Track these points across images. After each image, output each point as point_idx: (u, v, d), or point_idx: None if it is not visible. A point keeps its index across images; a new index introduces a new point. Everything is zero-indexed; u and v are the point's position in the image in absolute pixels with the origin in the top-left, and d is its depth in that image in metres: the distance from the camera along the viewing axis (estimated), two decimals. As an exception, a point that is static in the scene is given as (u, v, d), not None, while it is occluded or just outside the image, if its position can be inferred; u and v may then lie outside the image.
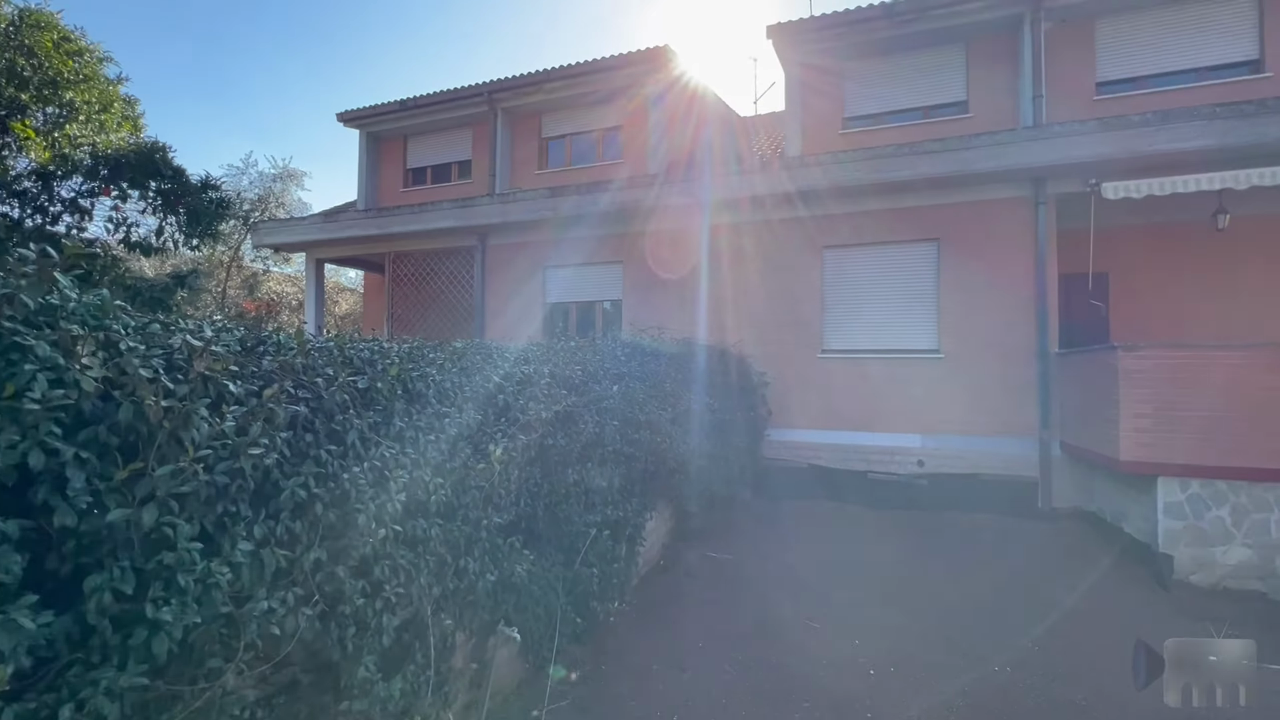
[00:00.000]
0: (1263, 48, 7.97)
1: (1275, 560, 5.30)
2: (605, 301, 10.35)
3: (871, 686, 3.73)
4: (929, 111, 9.51)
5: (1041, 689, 3.77)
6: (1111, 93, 8.55)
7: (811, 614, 4.82)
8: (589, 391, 3.94)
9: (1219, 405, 5.46)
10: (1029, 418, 7.59)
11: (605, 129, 11.59)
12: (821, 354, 8.67)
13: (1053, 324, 7.57)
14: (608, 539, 3.94)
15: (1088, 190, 7.35)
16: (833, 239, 8.68)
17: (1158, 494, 5.65)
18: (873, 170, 7.95)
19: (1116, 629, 4.75)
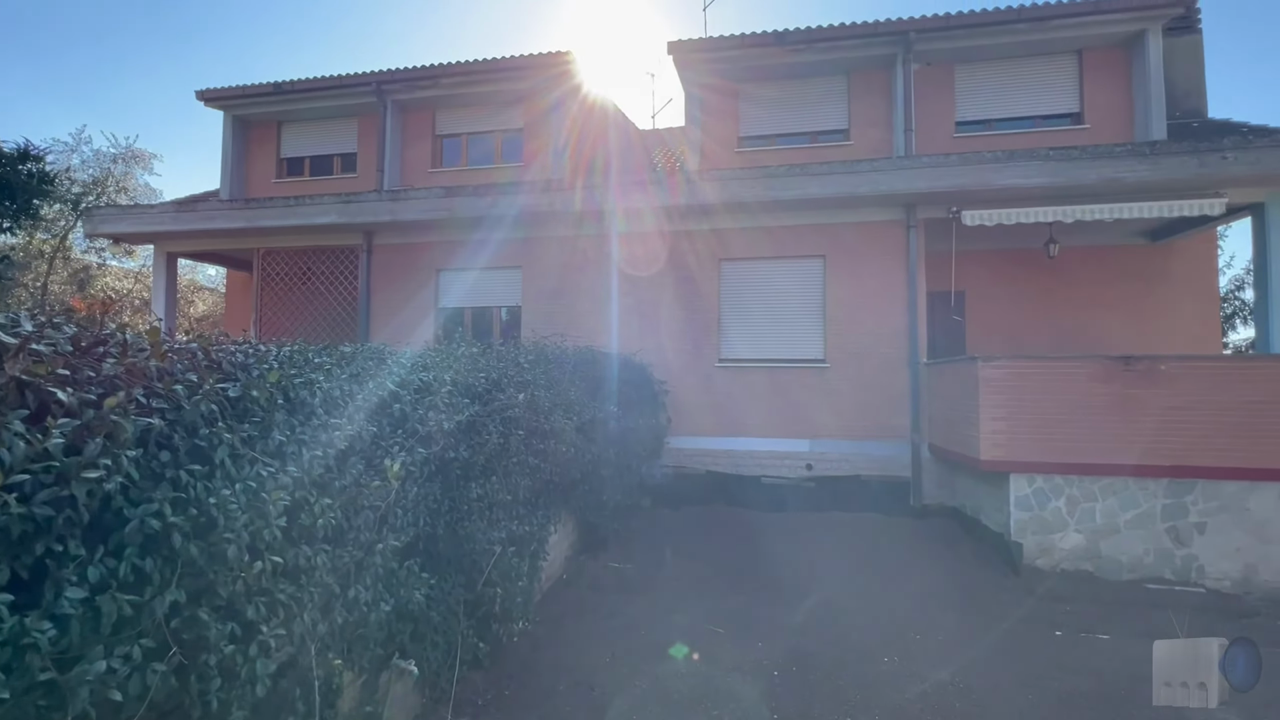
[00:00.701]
0: (1082, 103, 9.32)
1: (1100, 544, 6.11)
2: (504, 307, 10.02)
3: (775, 687, 3.82)
4: (815, 137, 10.17)
5: (924, 674, 4.05)
6: (968, 131, 9.61)
7: (715, 620, 4.88)
8: (494, 400, 3.73)
9: (1057, 409, 6.23)
10: (902, 422, 8.27)
11: (505, 131, 11.28)
12: (719, 363, 8.93)
13: (922, 336, 8.32)
14: (512, 556, 3.74)
15: (950, 217, 8.19)
16: (729, 252, 9.00)
17: (1010, 489, 6.34)
18: (766, 189, 8.34)
19: (982, 612, 5.24)
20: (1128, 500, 6.08)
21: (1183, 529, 5.96)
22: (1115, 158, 7.42)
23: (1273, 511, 5.79)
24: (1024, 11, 8.84)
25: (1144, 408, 6.02)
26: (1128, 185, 7.47)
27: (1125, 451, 6.04)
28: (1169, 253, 9.47)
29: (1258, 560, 5.80)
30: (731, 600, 5.35)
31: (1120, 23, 8.83)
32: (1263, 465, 5.76)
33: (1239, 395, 5.89)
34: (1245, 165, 7.12)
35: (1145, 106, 8.87)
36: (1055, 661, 4.31)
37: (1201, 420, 5.90)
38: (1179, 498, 5.97)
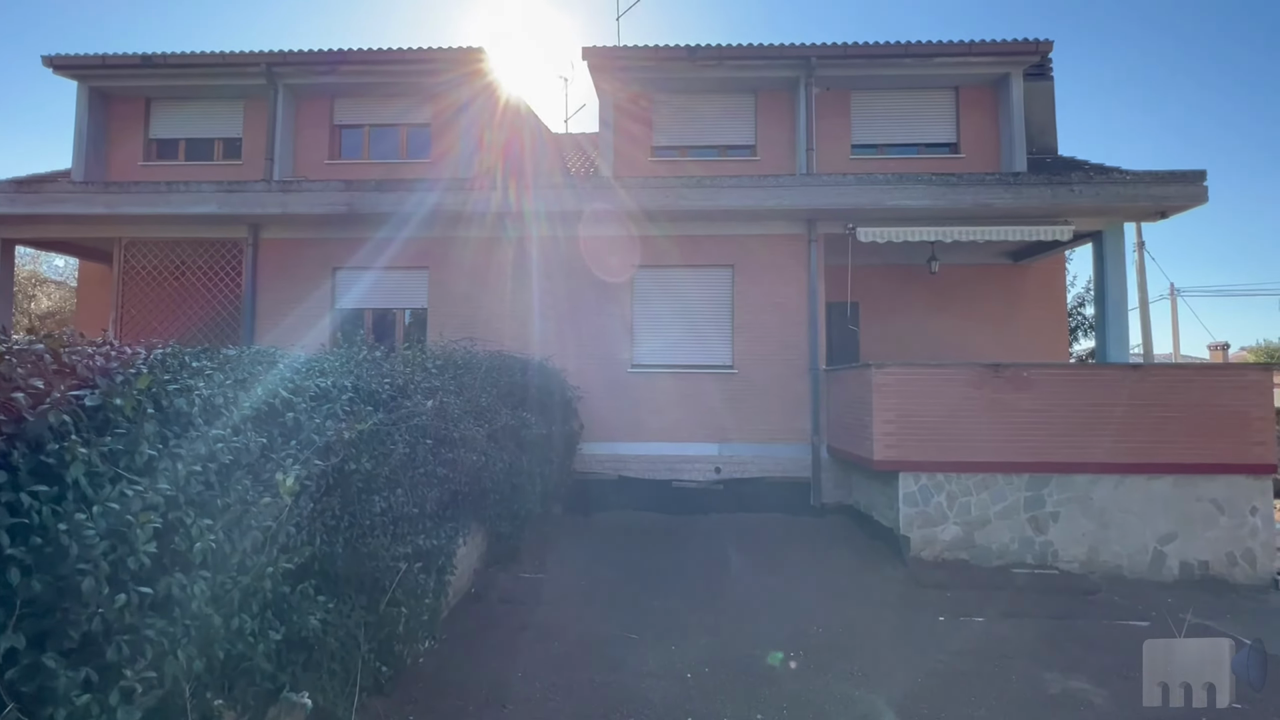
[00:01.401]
0: (959, 135, 10.30)
1: (974, 534, 6.73)
2: (409, 310, 9.55)
3: (690, 690, 3.87)
4: (725, 151, 10.53)
5: (827, 665, 4.26)
6: (862, 154, 10.32)
7: (629, 625, 4.89)
8: (399, 408, 3.52)
9: (939, 412, 6.81)
10: (804, 426, 8.71)
11: (412, 125, 10.78)
12: (631, 369, 8.99)
13: (822, 344, 8.82)
14: (419, 572, 3.54)
15: (846, 233, 8.75)
16: (643, 259, 9.10)
17: (899, 487, 6.84)
18: (679, 198, 8.53)
19: (876, 603, 5.60)
20: (997, 494, 6.74)
21: (1041, 518, 6.69)
22: (986, 185, 8.25)
23: (1110, 500, 6.64)
24: (911, 48, 9.65)
25: (1010, 410, 6.71)
26: (996, 211, 8.33)
27: (995, 450, 6.71)
28: (1027, 272, 10.65)
29: (1099, 544, 6.62)
30: (645, 605, 5.38)
31: (989, 65, 9.85)
32: (1102, 460, 6.59)
33: (1084, 399, 6.71)
34: (1088, 198, 8.16)
35: (1010, 141, 9.94)
36: (938, 644, 4.69)
37: (1056, 421, 6.66)
38: (1038, 490, 6.70)
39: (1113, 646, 4.70)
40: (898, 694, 3.88)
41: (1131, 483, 6.62)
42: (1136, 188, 8.13)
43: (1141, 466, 6.57)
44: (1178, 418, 6.57)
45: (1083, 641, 4.79)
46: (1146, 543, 6.58)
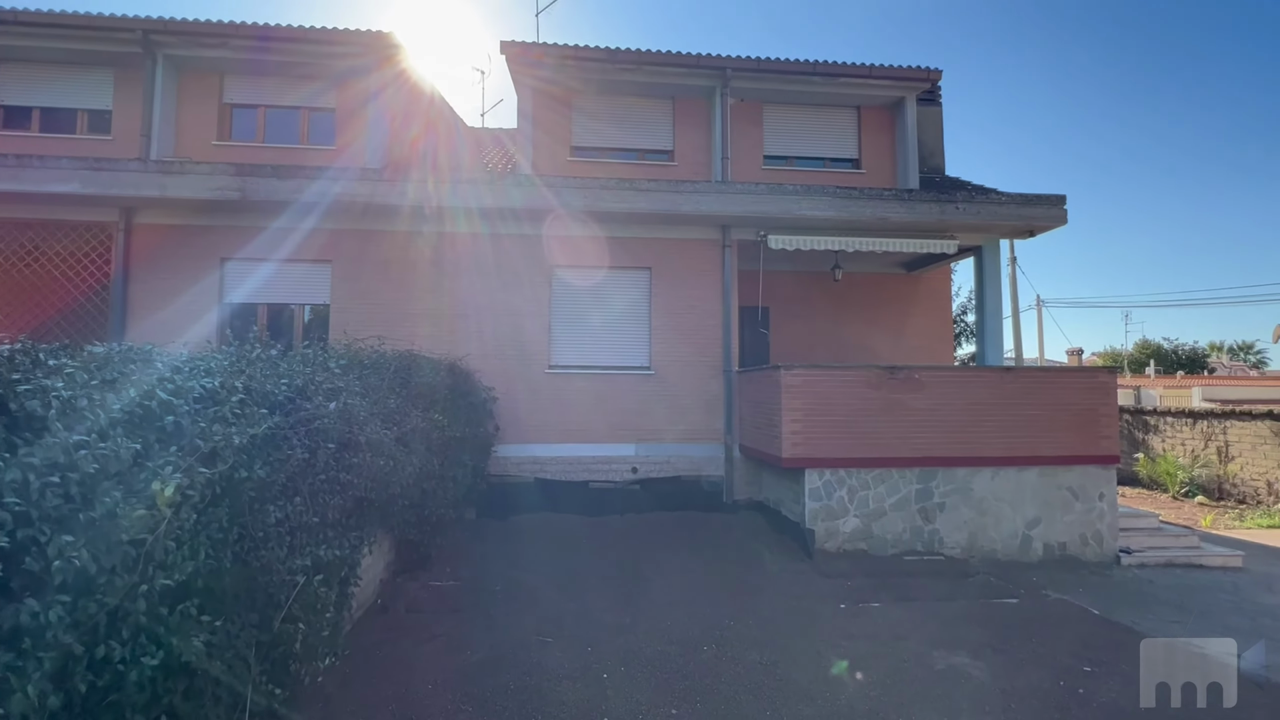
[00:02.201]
0: (860, 151, 10.99)
1: (872, 526, 7.20)
2: (309, 305, 8.94)
3: (606, 690, 3.88)
4: (643, 155, 10.66)
5: (739, 657, 4.42)
6: (774, 165, 10.78)
7: (544, 629, 4.83)
8: (298, 410, 3.29)
9: (841, 411, 7.23)
10: (717, 426, 8.98)
11: (315, 109, 10.10)
12: (549, 370, 8.90)
13: (735, 347, 9.12)
14: (319, 585, 3.32)
15: (758, 240, 9.11)
16: (560, 259, 9.03)
17: (805, 482, 7.20)
18: (597, 199, 8.53)
19: (785, 594, 5.86)
20: (892, 487, 7.25)
21: (929, 509, 7.26)
22: (884, 200, 8.86)
23: (987, 491, 7.32)
24: (818, 66, 10.19)
25: (904, 410, 7.24)
26: (892, 224, 8.96)
27: (891, 446, 7.21)
28: (919, 282, 11.53)
29: (978, 530, 7.28)
30: (560, 608, 5.34)
31: (887, 88, 10.59)
32: (980, 454, 7.26)
33: (966, 398, 7.36)
34: (970, 216, 8.95)
35: (905, 160, 10.73)
36: (841, 630, 4.98)
37: (942, 419, 7.26)
38: (927, 483, 7.27)
39: (989, 623, 5.19)
40: (804, 680, 4.09)
41: (1005, 474, 7.33)
42: (1009, 207, 9.02)
43: (1014, 459, 7.30)
44: (1042, 415, 7.34)
45: (964, 620, 5.25)
46: (1017, 528, 7.30)
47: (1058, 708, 3.79)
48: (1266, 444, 11.35)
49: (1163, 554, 7.40)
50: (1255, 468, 11.52)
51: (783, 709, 3.71)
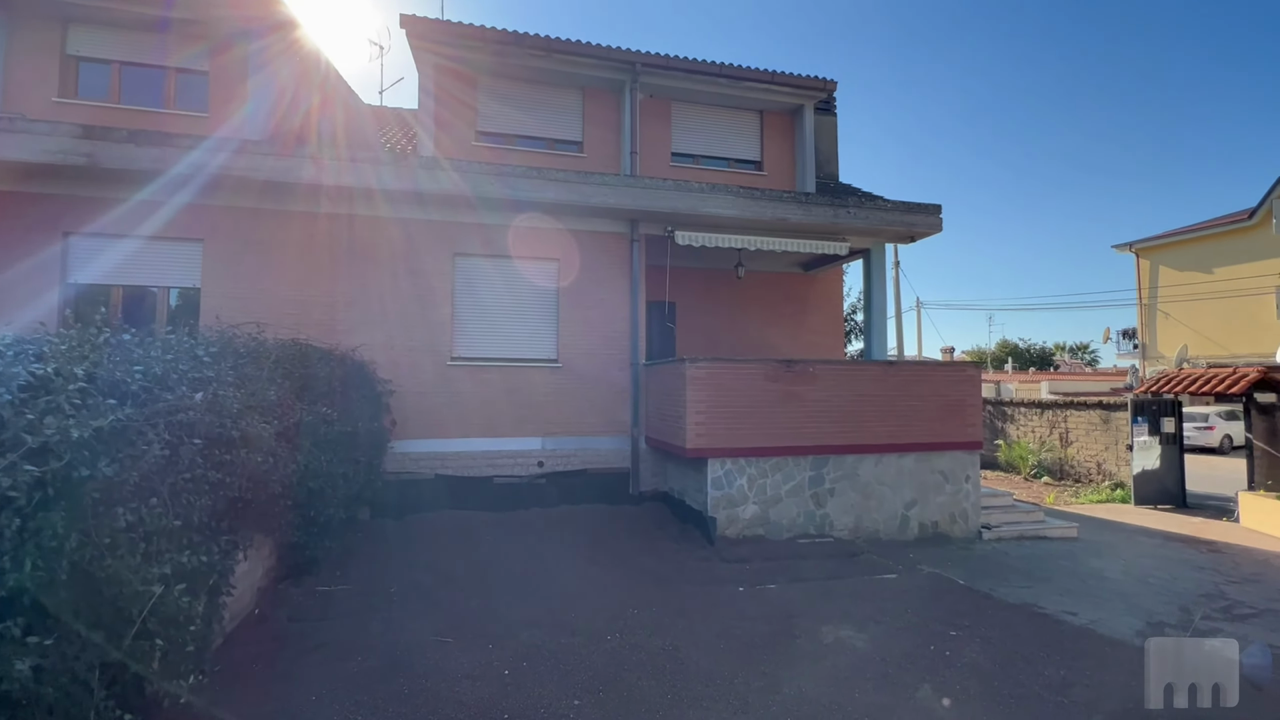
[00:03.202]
0: (762, 154, 11.44)
1: (769, 512, 7.56)
2: (175, 289, 8.04)
3: (507, 687, 3.80)
4: (552, 144, 10.49)
5: (642, 644, 4.48)
6: (681, 163, 10.98)
7: (444, 630, 4.66)
8: (156, 401, 2.93)
9: (742, 403, 7.51)
10: (625, 418, 9.04)
11: (184, 70, 9.06)
12: (451, 362, 8.57)
13: (642, 340, 9.22)
14: (181, 595, 2.99)
15: (665, 235, 9.26)
16: (465, 247, 8.72)
17: (708, 472, 7.42)
18: (505, 186, 8.30)
19: (688, 581, 6.02)
20: (788, 475, 7.64)
21: (821, 494, 7.72)
22: (784, 202, 9.28)
23: (871, 476, 7.89)
24: (724, 69, 10.49)
25: (799, 401, 7.64)
26: (791, 225, 9.41)
27: (787, 435, 7.58)
28: (814, 282, 12.20)
29: (863, 513, 7.83)
30: (461, 607, 5.17)
31: (788, 95, 11.09)
32: (866, 442, 7.81)
33: (854, 390, 7.88)
34: (860, 220, 9.58)
35: (803, 165, 11.29)
36: (739, 613, 5.18)
37: (833, 410, 7.73)
38: (819, 470, 7.73)
39: (871, 597, 5.60)
40: (705, 662, 4.21)
41: (888, 460, 7.94)
42: (894, 214, 9.74)
43: (895, 446, 7.91)
44: (919, 405, 8.02)
45: (850, 596, 5.64)
46: (897, 509, 7.94)
47: (927, 669, 4.16)
48: (1096, 430, 13.07)
49: (1015, 528, 8.32)
50: (1088, 451, 13.23)
51: (682, 691, 3.81)
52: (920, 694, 3.82)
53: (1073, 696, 3.81)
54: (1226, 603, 5.78)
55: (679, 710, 3.58)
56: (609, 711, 3.53)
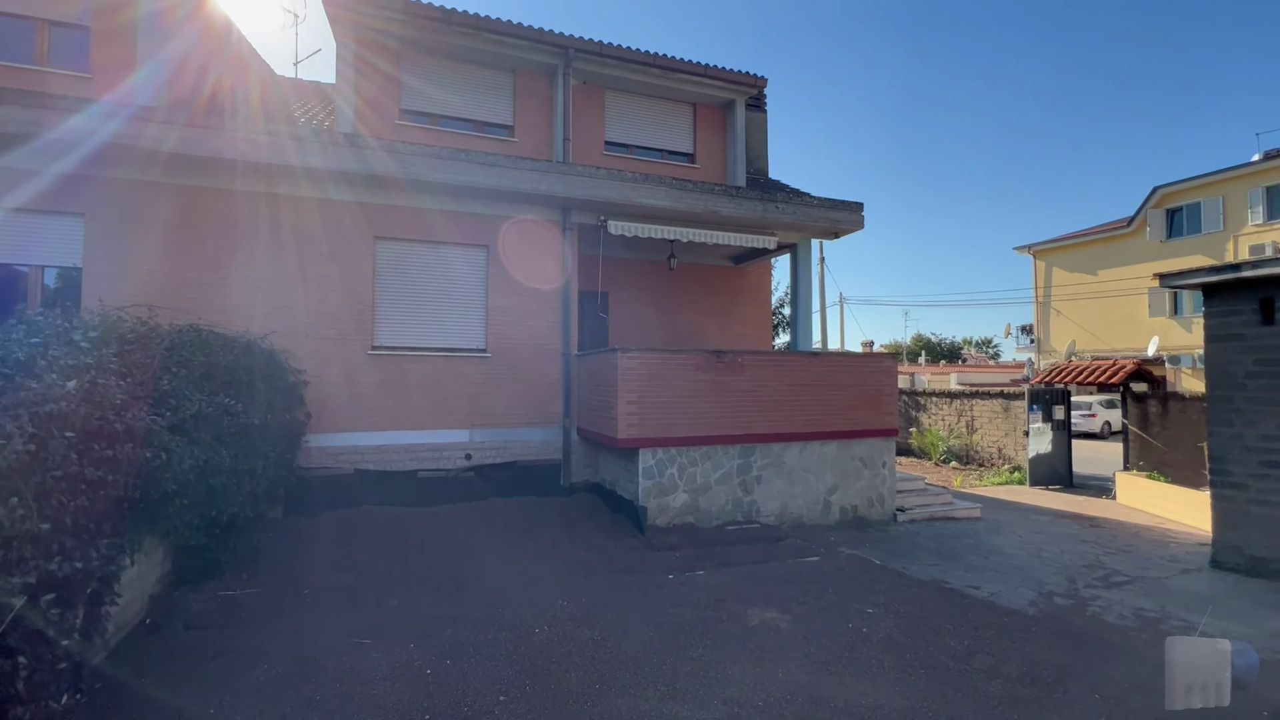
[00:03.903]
0: (695, 147, 11.54)
1: (699, 500, 7.67)
2: (50, 268, 7.22)
3: (429, 687, 3.66)
4: (482, 127, 10.15)
5: (571, 635, 4.43)
6: (614, 152, 10.90)
7: (362, 630, 4.44)
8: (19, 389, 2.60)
9: (673, 393, 7.57)
10: (556, 409, 8.93)
11: (59, 23, 8.11)
12: (373, 351, 8.17)
13: (574, 330, 9.12)
14: (50, 607, 2.68)
15: (599, 224, 9.17)
16: (388, 230, 8.31)
17: (639, 462, 7.45)
18: (431, 169, 7.96)
19: (618, 570, 6.02)
20: (717, 463, 7.78)
21: (749, 481, 7.91)
22: (715, 195, 9.39)
23: (797, 463, 8.16)
24: (658, 59, 10.47)
25: (728, 391, 7.78)
26: (722, 218, 9.55)
27: (717, 425, 7.72)
28: (744, 275, 12.46)
29: (788, 499, 8.10)
30: (381, 606, 4.95)
31: (721, 89, 11.22)
32: (792, 430, 8.07)
33: (781, 380, 8.11)
34: (788, 215, 9.84)
35: (734, 159, 11.47)
36: (669, 599, 5.23)
37: (761, 399, 7.93)
38: (747, 458, 7.91)
39: (795, 580, 5.80)
40: (634, 650, 4.22)
41: (811, 448, 8.23)
42: (819, 210, 10.07)
43: (818, 434, 8.22)
44: (841, 394, 8.36)
45: (775, 580, 5.81)
46: (819, 495, 8.25)
47: (847, 646, 4.34)
48: (998, 417, 14.09)
49: (927, 510, 8.85)
50: (991, 437, 14.25)
51: (610, 680, 3.79)
52: (840, 670, 3.99)
53: (976, 664, 4.09)
54: (1105, 572, 6.37)
55: (607, 699, 3.56)
56: (535, 705, 3.47)
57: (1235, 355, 6.36)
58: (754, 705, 3.52)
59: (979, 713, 3.48)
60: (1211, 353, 6.58)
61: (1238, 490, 6.31)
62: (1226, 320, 6.45)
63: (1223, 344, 6.48)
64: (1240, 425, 6.30)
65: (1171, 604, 5.38)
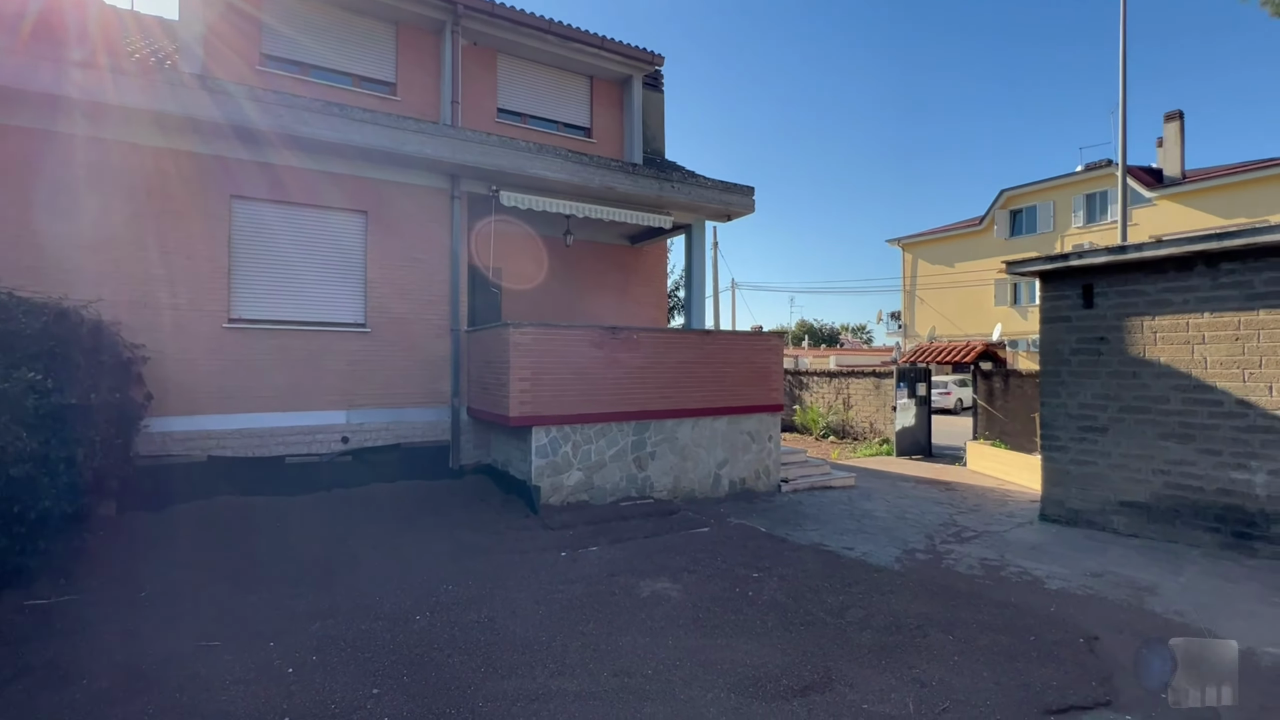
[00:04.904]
0: (592, 121, 11.31)
1: (593, 477, 7.62)
2: None
3: (291, 687, 3.31)
4: (359, 81, 9.29)
5: (455, 619, 4.21)
6: (507, 120, 10.42)
7: (211, 633, 3.95)
8: None
9: (567, 369, 7.42)
10: (444, 388, 8.47)
11: None
12: (229, 324, 7.29)
13: (464, 305, 8.67)
14: None
15: (490, 194, 8.75)
16: (248, 189, 7.40)
17: (532, 440, 7.25)
18: (300, 121, 7.17)
19: (508, 552, 5.82)
20: (611, 440, 7.75)
21: (643, 458, 7.97)
22: (612, 171, 9.26)
23: (690, 439, 8.33)
24: (553, 25, 10.10)
25: (623, 368, 7.75)
26: (618, 194, 9.44)
27: (611, 402, 7.67)
28: (641, 254, 12.48)
29: (681, 474, 8.26)
30: (237, 604, 4.44)
31: (617, 63, 11.04)
32: (685, 406, 8.20)
33: (674, 358, 8.20)
34: (683, 195, 9.93)
35: (631, 136, 11.39)
36: (561, 576, 5.13)
37: (655, 376, 7.98)
38: (641, 435, 7.95)
39: (686, 550, 5.91)
40: (523, 630, 4.08)
41: (703, 423, 8.43)
42: (713, 192, 10.26)
43: (710, 410, 8.42)
44: (731, 372, 8.61)
45: (667, 551, 5.89)
46: (710, 469, 8.49)
47: (734, 609, 4.48)
48: (871, 395, 15.27)
49: (808, 480, 9.39)
50: (864, 413, 15.42)
51: (497, 662, 3.64)
52: (727, 633, 4.10)
53: (849, 618, 4.36)
54: (957, 529, 7.09)
55: (493, 682, 3.41)
56: (413, 695, 3.24)
57: (1063, 334, 7.25)
58: (643, 674, 3.52)
59: (851, 661, 3.71)
60: (1044, 332, 7.46)
61: (1061, 452, 7.24)
62: (1057, 304, 7.33)
63: (1053, 325, 7.36)
64: (1065, 396, 7.21)
65: (1010, 553, 6.07)
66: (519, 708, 3.15)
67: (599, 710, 3.14)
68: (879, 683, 3.45)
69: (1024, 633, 4.09)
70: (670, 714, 3.12)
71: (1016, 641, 3.96)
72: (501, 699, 3.23)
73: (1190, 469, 6.22)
